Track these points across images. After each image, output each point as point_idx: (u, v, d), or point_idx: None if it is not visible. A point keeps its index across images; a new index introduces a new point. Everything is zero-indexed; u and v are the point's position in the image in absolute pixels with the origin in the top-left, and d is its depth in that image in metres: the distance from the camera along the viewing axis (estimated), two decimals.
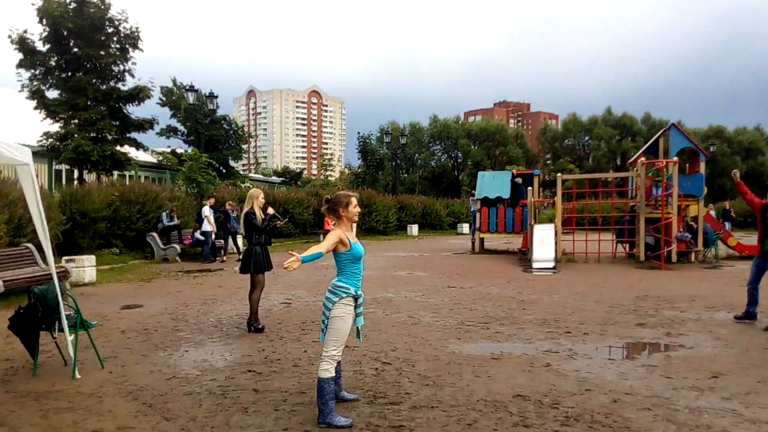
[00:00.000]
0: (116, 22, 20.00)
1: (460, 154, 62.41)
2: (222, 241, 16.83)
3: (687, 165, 17.35)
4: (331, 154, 54.99)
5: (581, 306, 9.01)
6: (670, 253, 14.38)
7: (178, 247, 16.03)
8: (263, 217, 7.31)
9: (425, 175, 60.33)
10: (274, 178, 52.64)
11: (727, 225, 17.42)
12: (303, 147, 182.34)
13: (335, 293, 4.24)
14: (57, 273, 5.68)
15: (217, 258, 16.08)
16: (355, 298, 4.29)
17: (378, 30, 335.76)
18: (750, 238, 15.56)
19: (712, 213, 15.67)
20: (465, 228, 32.21)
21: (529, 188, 17.76)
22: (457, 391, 4.95)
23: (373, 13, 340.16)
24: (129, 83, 20.90)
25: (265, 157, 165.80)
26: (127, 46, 20.44)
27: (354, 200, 4.43)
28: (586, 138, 63.94)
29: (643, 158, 16.01)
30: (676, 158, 15.12)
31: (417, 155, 61.14)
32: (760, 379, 5.28)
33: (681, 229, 14.94)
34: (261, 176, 57.12)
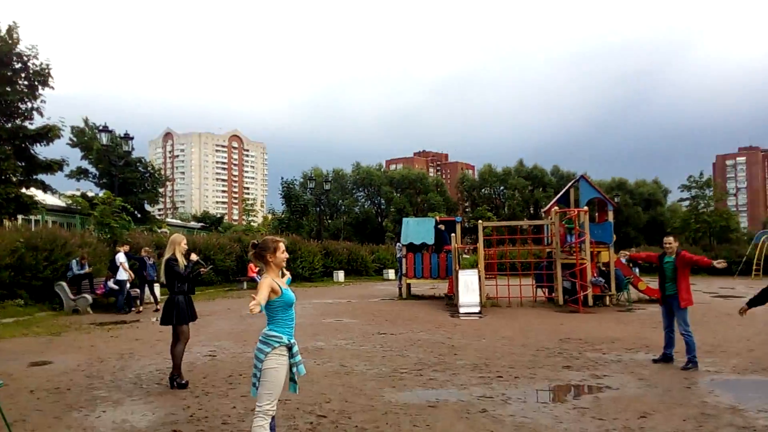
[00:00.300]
0: (25, 58, 19.08)
1: (383, 201, 63.29)
2: (138, 290, 15.92)
3: (596, 214, 18.44)
4: (254, 199, 53.98)
5: (509, 350, 9.16)
6: (586, 297, 15.04)
7: (89, 297, 14.98)
8: (186, 263, 6.99)
9: (350, 221, 60.56)
10: (193, 224, 50.97)
11: (636, 270, 18.54)
12: (224, 191, 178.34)
13: (267, 343, 4.08)
14: None
15: (133, 308, 15.16)
16: (289, 348, 4.15)
17: (301, 76, 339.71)
18: (656, 283, 16.62)
19: (623, 260, 16.62)
20: (391, 274, 32.35)
21: (453, 234, 18.17)
22: None
23: (295, 59, 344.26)
24: (37, 122, 19.85)
25: (183, 201, 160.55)
26: (36, 83, 19.50)
27: (281, 245, 4.37)
28: (501, 188, 66.69)
29: (556, 207, 16.86)
30: (586, 207, 16.03)
31: (341, 201, 61.41)
32: (684, 417, 5.52)
33: (595, 274, 15.71)
34: (179, 221, 55.14)
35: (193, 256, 7.17)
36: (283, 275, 4.54)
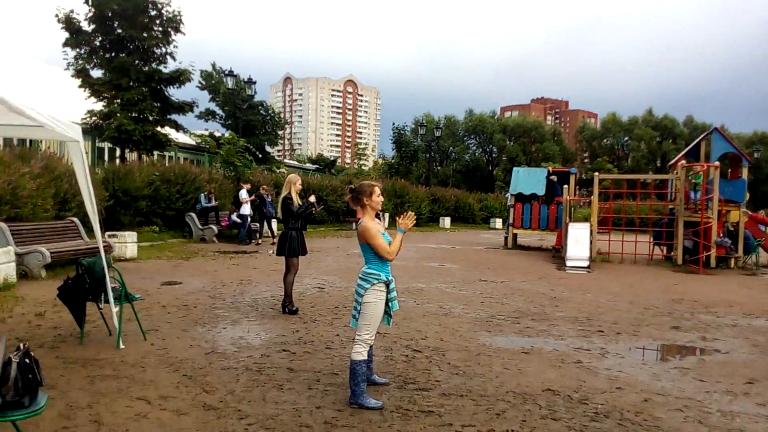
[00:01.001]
0: (159, 5, 20.41)
1: (495, 149, 61.93)
2: (257, 224, 17.14)
3: (729, 170, 16.89)
4: (366, 144, 55.14)
5: (615, 306, 8.93)
6: (708, 258, 14.07)
7: (215, 228, 16.39)
8: (300, 203, 7.45)
9: (459, 169, 60.07)
10: (309, 165, 53.06)
11: None
12: (337, 135, 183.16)
13: (367, 280, 4.33)
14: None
15: (253, 240, 16.38)
16: (387, 284, 4.38)
17: (415, 22, 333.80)
18: None
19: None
20: (498, 223, 32.04)
21: (565, 186, 17.56)
22: (487, 381, 5.00)
23: (410, 5, 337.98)
24: (170, 66, 21.35)
25: (300, 144, 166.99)
26: (170, 29, 20.84)
27: (377, 189, 4.52)
28: (626, 138, 62.71)
29: (683, 161, 15.66)
30: (717, 162, 14.74)
31: (451, 148, 60.88)
32: None
33: (721, 234, 14.59)
34: (296, 162, 57.62)
35: (312, 198, 7.61)
36: (380, 219, 4.76)
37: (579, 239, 14.70)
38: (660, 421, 4.26)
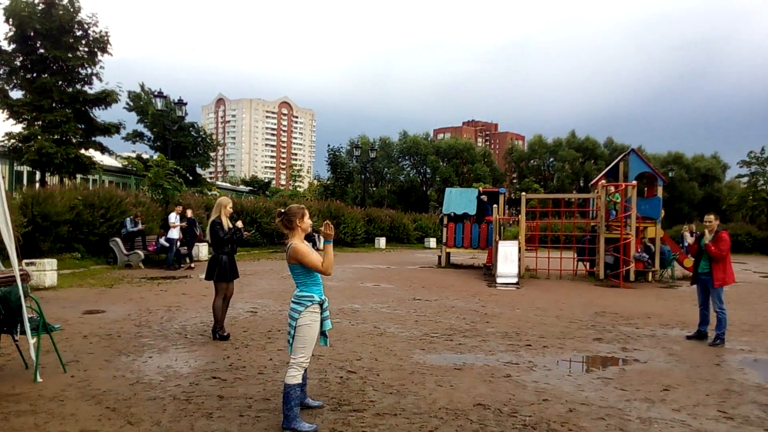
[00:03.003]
0: (85, 26, 19.80)
1: (429, 170, 63.11)
2: (186, 248, 16.67)
3: (645, 189, 17.97)
4: (301, 165, 54.79)
5: (542, 320, 9.25)
6: (628, 272, 14.85)
7: (141, 253, 15.80)
8: (230, 226, 7.33)
9: (394, 190, 60.76)
10: (242, 187, 52.17)
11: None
12: (272, 157, 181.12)
13: (300, 303, 4.32)
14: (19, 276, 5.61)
15: (182, 265, 15.90)
16: (321, 304, 4.38)
17: (350, 45, 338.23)
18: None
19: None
20: (432, 242, 32.55)
21: (495, 206, 18.13)
22: (420, 399, 5.06)
23: (345, 27, 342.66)
24: (96, 87, 20.67)
25: (233, 165, 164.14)
26: (96, 49, 20.24)
27: (307, 212, 4.58)
28: (551, 159, 65.41)
29: (603, 181, 16.54)
30: (635, 182, 15.68)
31: (386, 169, 61.57)
32: (708, 392, 5.55)
33: (639, 250, 15.45)
34: (228, 185, 56.56)
35: (239, 223, 7.51)
36: (316, 240, 4.78)
37: (508, 257, 15.17)
38: (584, 430, 4.45)
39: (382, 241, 30.30)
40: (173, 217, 15.90)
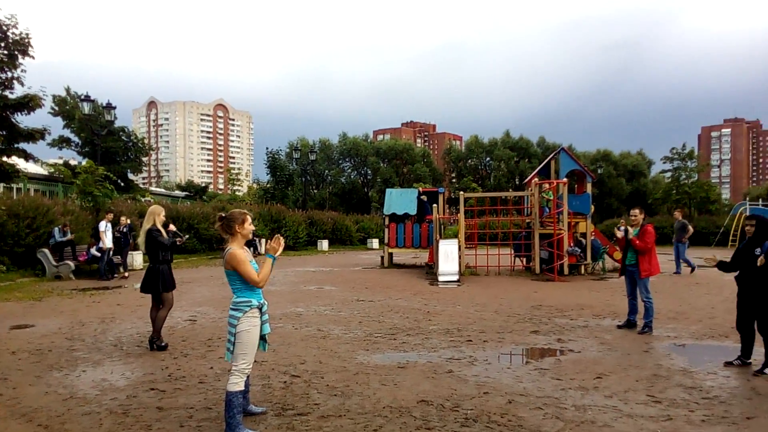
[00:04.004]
0: (4, 28, 18.73)
1: (370, 171, 63.42)
2: (120, 257, 16.06)
3: (576, 185, 18.73)
4: (239, 169, 53.84)
5: (482, 316, 9.49)
6: (562, 266, 15.42)
7: (71, 263, 15.10)
8: (169, 232, 7.15)
9: (335, 191, 60.67)
10: (177, 192, 50.76)
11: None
12: (209, 161, 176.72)
13: (238, 309, 4.27)
14: None
15: (116, 275, 15.31)
16: (260, 308, 4.35)
17: (287, 45, 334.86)
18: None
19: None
20: (375, 243, 32.68)
21: (435, 205, 18.42)
22: (365, 399, 5.10)
23: (281, 28, 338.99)
24: (18, 91, 19.60)
25: (168, 170, 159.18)
26: (16, 52, 19.17)
27: (249, 218, 4.51)
28: (488, 159, 67.03)
29: (536, 179, 17.11)
30: (565, 179, 16.31)
31: (327, 171, 61.42)
32: (638, 378, 5.85)
33: (571, 244, 16.08)
34: (163, 190, 54.88)
35: (171, 227, 7.33)
36: (256, 245, 4.73)
37: (449, 255, 15.44)
38: (523, 420, 4.61)
39: (324, 244, 30.18)
40: (103, 226, 15.28)
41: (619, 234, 8.62)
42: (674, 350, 7.13)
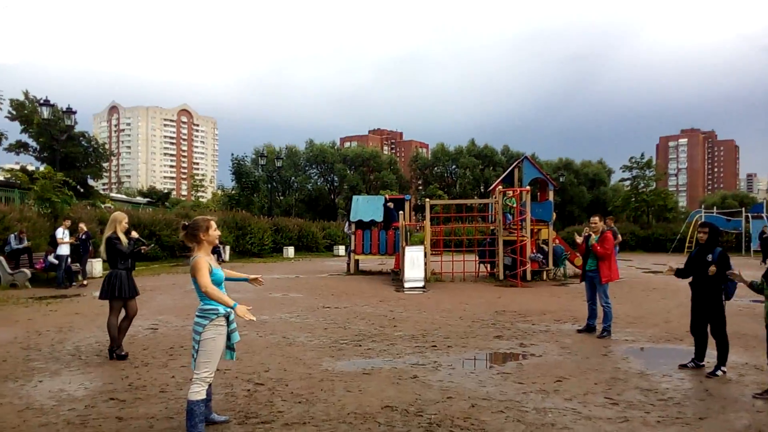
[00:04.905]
0: None
1: (336, 178, 63.26)
2: (78, 264, 15.65)
3: (538, 193, 19.10)
4: (203, 175, 53.11)
5: (447, 322, 9.59)
6: (525, 272, 15.69)
7: (28, 271, 14.65)
8: (128, 241, 7.02)
9: (302, 198, 60.30)
10: (139, 199, 49.69)
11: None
12: (172, 167, 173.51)
13: (205, 316, 4.24)
14: None
15: (74, 283, 14.91)
16: (227, 317, 4.32)
17: (253, 50, 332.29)
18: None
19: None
20: (341, 250, 32.58)
21: (401, 212, 18.51)
22: (329, 406, 5.11)
23: (246, 33, 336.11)
24: None
25: (129, 176, 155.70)
26: None
27: (213, 224, 4.48)
28: (453, 166, 67.62)
29: (500, 186, 17.40)
30: (528, 187, 16.62)
31: (293, 178, 61.00)
32: (596, 381, 6.01)
33: (534, 251, 16.37)
34: (124, 196, 53.66)
35: (134, 234, 7.22)
36: (220, 252, 4.70)
37: (415, 262, 15.54)
38: (485, 424, 4.69)
39: (290, 251, 29.97)
40: (60, 232, 14.88)
41: (579, 239, 8.84)
42: (632, 353, 7.34)
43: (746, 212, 33.43)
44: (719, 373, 6.15)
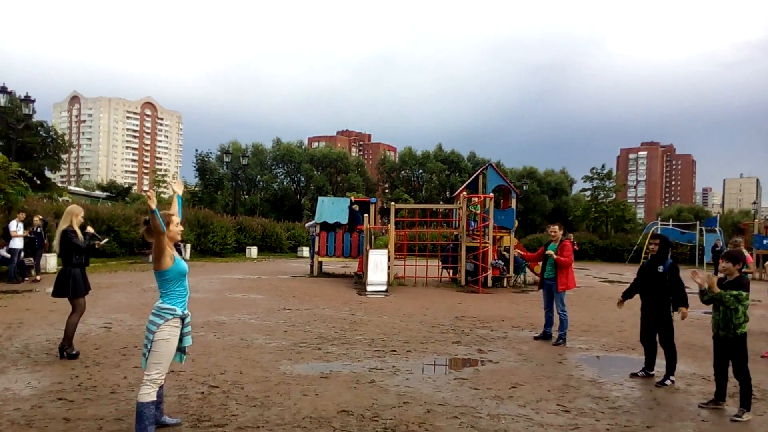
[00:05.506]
0: None
1: (303, 179, 62.91)
2: (32, 259, 15.16)
3: (501, 201, 19.38)
4: (166, 170, 52.06)
5: (407, 326, 9.63)
6: (486, 278, 15.89)
7: None
8: (86, 234, 6.86)
9: (267, 197, 59.75)
10: (98, 193, 48.49)
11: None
12: (133, 161, 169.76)
13: (160, 315, 4.17)
14: None
15: (27, 278, 14.43)
16: (182, 319, 4.26)
17: (221, 44, 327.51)
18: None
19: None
20: (305, 251, 32.37)
21: (366, 215, 18.52)
22: (285, 410, 5.07)
23: (215, 27, 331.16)
24: None
25: (89, 169, 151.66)
26: None
27: (175, 219, 4.42)
28: (420, 171, 68.06)
29: (465, 192, 17.59)
30: (492, 194, 16.86)
31: (259, 177, 60.41)
32: (550, 388, 6.12)
33: (496, 257, 16.60)
34: (83, 190, 52.24)
35: (89, 229, 7.04)
36: (180, 250, 4.63)
37: (378, 265, 15.57)
38: (439, 429, 4.72)
39: (253, 251, 29.63)
40: (14, 225, 14.40)
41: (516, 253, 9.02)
42: (585, 361, 7.50)
43: (700, 225, 34.56)
44: (668, 382, 6.34)
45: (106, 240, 8.05)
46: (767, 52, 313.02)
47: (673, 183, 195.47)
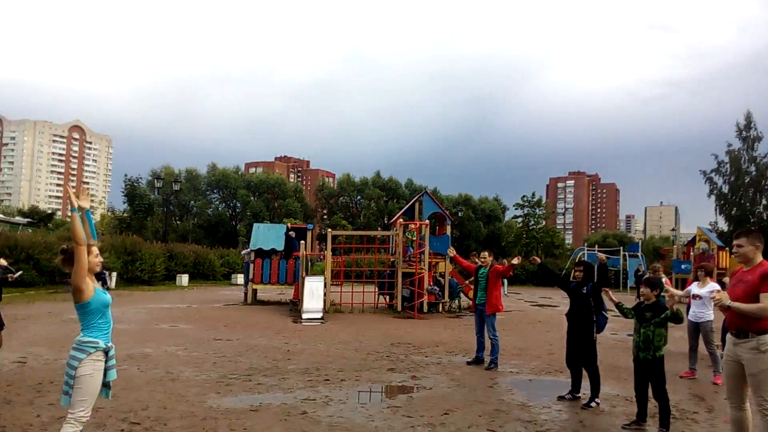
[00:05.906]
0: None
1: (239, 204, 61.81)
2: None
3: (437, 227, 19.69)
4: (93, 196, 49.90)
5: (342, 354, 9.53)
6: (422, 304, 16.01)
7: None
8: None
9: (201, 223, 58.24)
10: (19, 219, 45.77)
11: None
12: (59, 185, 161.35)
13: (82, 350, 3.96)
14: None
15: None
16: (106, 352, 4.06)
17: (155, 66, 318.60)
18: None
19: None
20: (240, 278, 31.62)
21: (302, 242, 18.34)
22: None
23: (148, 46, 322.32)
24: None
25: (10, 194, 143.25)
26: None
27: (94, 249, 4.24)
28: (359, 197, 68.40)
29: (401, 219, 17.78)
30: (427, 221, 17.12)
31: (192, 202, 58.90)
32: (481, 413, 6.18)
33: (431, 283, 16.78)
34: (1, 216, 49.17)
35: (2, 261, 6.64)
36: (102, 281, 4.43)
37: (314, 292, 15.38)
38: None
39: (184, 279, 28.66)
40: None
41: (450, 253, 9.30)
42: (515, 385, 7.65)
43: (624, 251, 36.27)
44: (593, 404, 6.54)
45: (20, 272, 7.58)
46: (684, 89, 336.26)
47: (599, 210, 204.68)
